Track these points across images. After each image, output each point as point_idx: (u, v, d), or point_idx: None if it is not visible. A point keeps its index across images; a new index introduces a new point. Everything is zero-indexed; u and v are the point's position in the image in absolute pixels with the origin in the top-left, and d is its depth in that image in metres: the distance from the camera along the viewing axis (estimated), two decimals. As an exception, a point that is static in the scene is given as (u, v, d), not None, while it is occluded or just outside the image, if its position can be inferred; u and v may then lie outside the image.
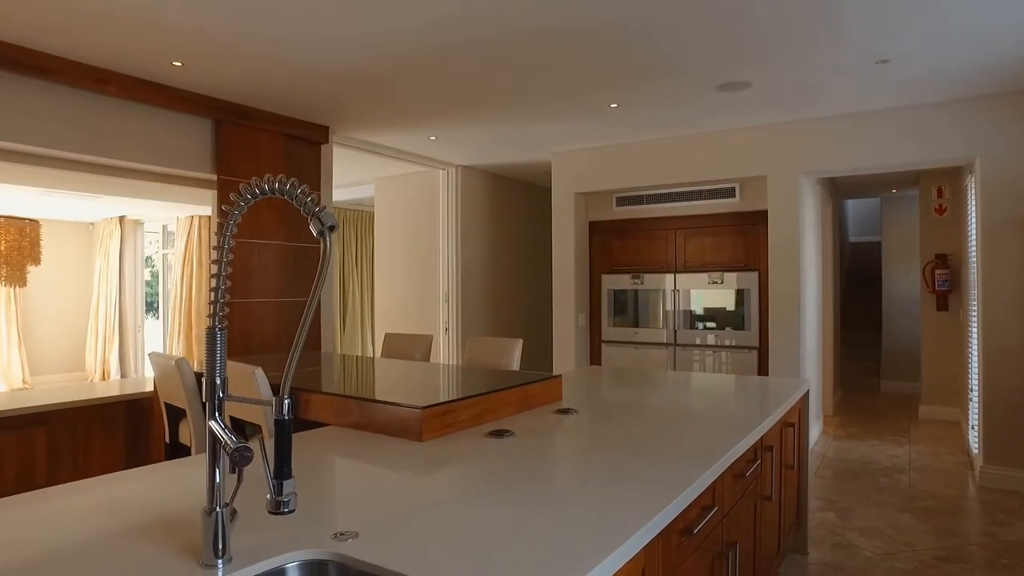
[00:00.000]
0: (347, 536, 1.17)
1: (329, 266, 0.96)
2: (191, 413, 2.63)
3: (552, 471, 1.61)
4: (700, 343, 5.50)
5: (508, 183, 7.13)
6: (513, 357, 3.35)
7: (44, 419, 3.59)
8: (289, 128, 4.61)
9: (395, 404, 1.95)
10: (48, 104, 3.56)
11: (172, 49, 3.35)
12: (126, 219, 9.06)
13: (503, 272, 7.05)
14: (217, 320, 1.05)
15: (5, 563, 1.07)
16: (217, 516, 1.04)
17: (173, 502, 1.38)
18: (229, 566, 1.05)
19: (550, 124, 4.90)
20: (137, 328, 9.18)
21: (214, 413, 1.05)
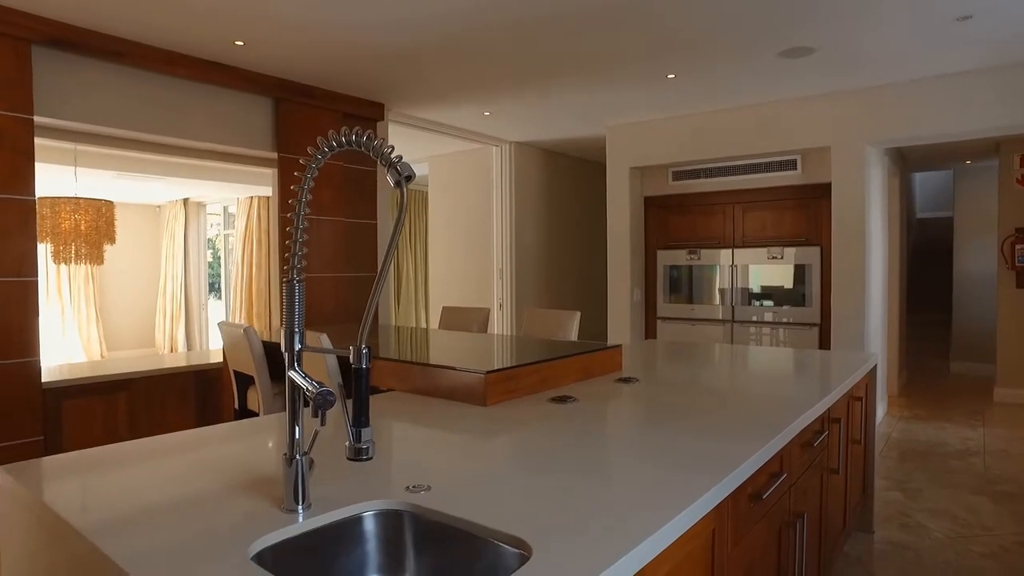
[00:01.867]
0: (419, 489, 1.19)
1: (405, 216, 0.97)
2: (259, 379, 2.72)
3: (618, 434, 1.60)
4: (758, 320, 5.37)
5: (562, 159, 7.07)
6: (571, 329, 3.33)
7: (125, 386, 3.78)
8: (346, 106, 4.67)
9: (459, 369, 1.97)
10: (122, 87, 3.70)
11: (234, 29, 3.43)
12: (190, 201, 9.39)
13: (557, 248, 7.02)
14: (295, 273, 1.07)
15: (102, 511, 1.13)
16: (297, 464, 1.07)
17: (252, 455, 1.43)
18: (309, 512, 1.08)
19: (605, 97, 4.82)
20: (201, 306, 9.55)
21: (293, 363, 1.07)
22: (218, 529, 1.02)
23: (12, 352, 3.24)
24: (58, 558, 1.11)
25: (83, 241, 5.38)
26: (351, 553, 1.11)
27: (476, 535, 1.04)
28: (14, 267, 3.25)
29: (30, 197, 3.30)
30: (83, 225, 5.37)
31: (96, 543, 0.97)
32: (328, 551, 1.08)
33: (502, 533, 1.01)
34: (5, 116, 3.20)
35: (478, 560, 1.04)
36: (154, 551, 0.95)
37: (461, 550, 1.06)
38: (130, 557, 0.93)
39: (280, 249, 4.42)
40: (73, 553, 1.05)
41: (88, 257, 5.41)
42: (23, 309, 3.28)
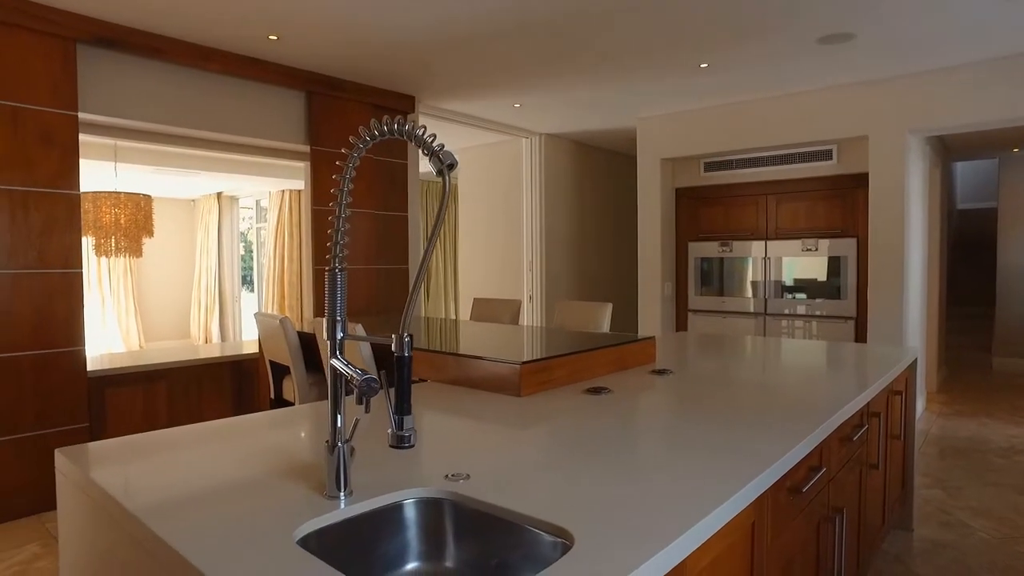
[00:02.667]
0: (458, 477, 1.20)
1: (447, 205, 0.97)
2: (294, 369, 2.77)
3: (654, 426, 1.59)
4: (790, 313, 5.28)
5: (592, 151, 7.03)
6: (602, 321, 3.32)
7: (164, 375, 3.87)
8: (377, 98, 4.70)
9: (494, 360, 1.97)
10: (160, 83, 3.77)
11: (269, 24, 3.47)
12: (223, 195, 9.55)
13: (587, 241, 6.99)
14: (337, 262, 1.08)
15: (152, 494, 1.16)
16: (339, 451, 1.09)
17: (291, 442, 1.45)
18: (351, 498, 1.10)
19: (636, 88, 4.77)
20: (234, 298, 9.72)
21: (335, 352, 1.09)
22: (262, 513, 1.04)
23: (59, 342, 3.34)
24: (109, 535, 1.14)
25: (123, 234, 5.51)
26: (392, 539, 1.12)
27: (517, 523, 1.04)
28: (61, 259, 3.35)
29: (75, 192, 3.39)
30: (123, 219, 5.50)
31: (145, 521, 1.00)
32: (369, 537, 1.09)
33: (544, 522, 1.01)
34: (53, 114, 3.29)
35: (519, 548, 1.04)
36: (201, 531, 0.97)
37: (502, 538, 1.07)
38: (178, 536, 0.95)
39: (313, 241, 4.47)
40: (123, 531, 1.08)
41: (127, 250, 5.55)
42: (69, 300, 3.38)
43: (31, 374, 3.26)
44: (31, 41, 3.22)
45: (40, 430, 3.29)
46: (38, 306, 3.28)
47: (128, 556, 1.08)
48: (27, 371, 3.25)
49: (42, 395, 3.29)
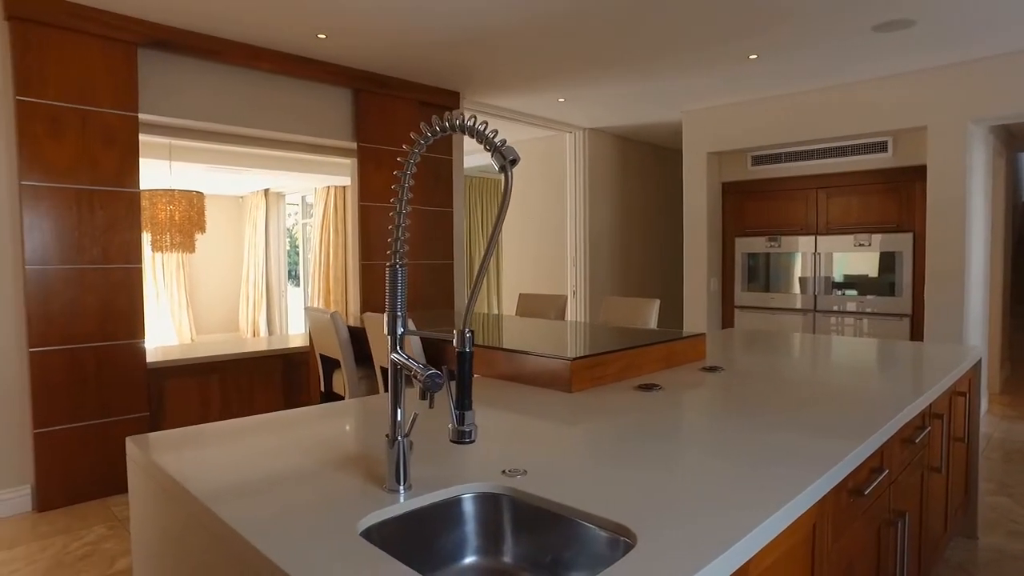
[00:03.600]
0: (515, 473, 1.20)
1: (509, 201, 0.96)
2: (344, 363, 2.81)
3: (709, 424, 1.56)
4: (841, 309, 5.14)
5: (636, 145, 6.95)
6: (649, 317, 3.28)
7: (218, 368, 3.99)
8: (422, 95, 4.74)
9: (545, 356, 1.97)
10: (213, 83, 3.87)
11: (318, 22, 3.52)
12: (270, 192, 9.77)
13: (631, 236, 6.92)
14: (397, 257, 1.09)
15: (219, 481, 1.19)
16: (399, 445, 1.10)
17: (347, 434, 1.47)
18: (410, 492, 1.11)
19: (682, 80, 4.69)
20: (281, 293, 9.95)
21: (395, 346, 1.10)
22: (323, 504, 1.06)
23: (121, 334, 3.47)
24: (175, 517, 1.18)
25: (177, 230, 5.68)
26: (450, 534, 1.13)
27: (577, 520, 1.04)
28: (122, 255, 3.47)
29: (135, 190, 3.51)
30: (177, 215, 5.67)
31: (211, 507, 1.03)
32: (428, 531, 1.10)
33: (605, 519, 1.00)
34: (115, 115, 3.41)
35: (579, 545, 1.04)
36: (265, 518, 0.99)
37: (561, 535, 1.06)
38: (243, 522, 0.97)
39: (359, 236, 4.54)
40: (189, 514, 1.12)
41: (181, 246, 5.72)
42: (130, 294, 3.51)
43: (95, 365, 3.40)
44: (97, 47, 3.34)
45: (103, 418, 3.43)
46: (102, 300, 3.41)
47: (194, 537, 1.11)
48: (92, 362, 3.39)
49: (105, 385, 3.43)
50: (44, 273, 3.25)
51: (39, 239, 3.23)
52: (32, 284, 3.22)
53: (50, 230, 3.26)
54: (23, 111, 3.17)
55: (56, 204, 3.27)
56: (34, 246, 3.22)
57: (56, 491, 3.31)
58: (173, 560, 1.22)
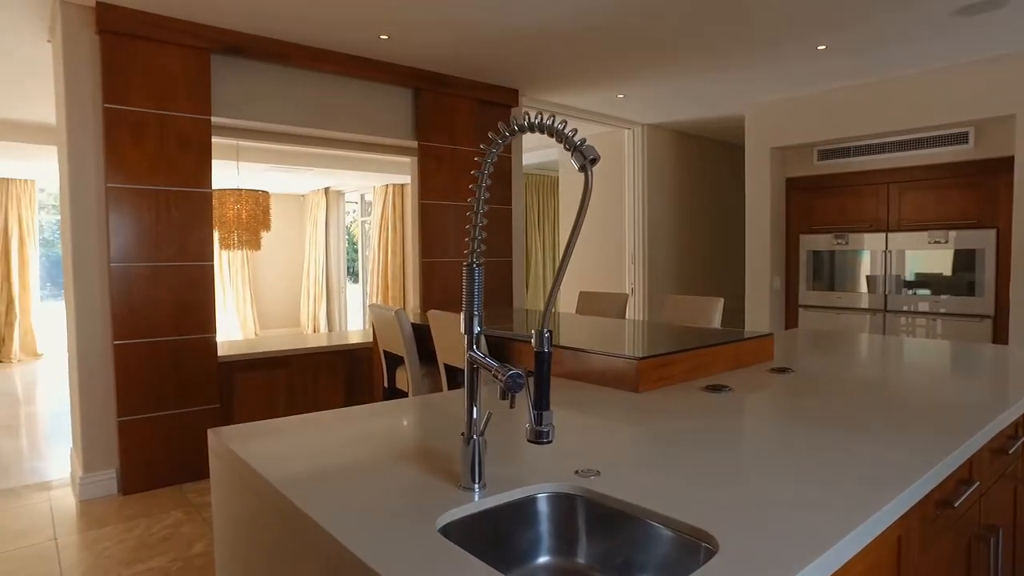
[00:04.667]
0: (589, 473, 1.19)
1: (589, 199, 0.96)
2: (408, 360, 2.86)
3: (782, 428, 1.51)
4: (913, 310, 4.91)
5: (696, 141, 6.82)
6: (713, 317, 3.21)
7: (284, 362, 4.12)
8: (481, 93, 4.76)
9: (611, 355, 1.95)
10: (280, 85, 3.99)
11: (381, 23, 3.58)
12: (330, 190, 10.02)
13: (691, 233, 6.80)
14: (475, 257, 1.10)
15: (296, 472, 1.23)
16: (475, 444, 1.11)
17: (419, 432, 1.49)
18: (484, 491, 1.12)
19: (746, 73, 4.57)
20: (340, 289, 10.19)
21: (472, 345, 1.10)
22: (398, 499, 1.08)
23: (195, 328, 3.62)
24: (253, 504, 1.22)
25: (244, 228, 5.88)
26: (524, 533, 1.13)
27: (655, 524, 1.02)
28: (196, 252, 3.62)
29: (208, 190, 3.65)
30: (244, 214, 5.87)
31: (292, 498, 1.06)
32: (503, 529, 1.11)
33: (684, 524, 0.99)
34: (190, 119, 3.56)
35: (656, 549, 1.02)
36: (343, 511, 1.01)
37: (637, 538, 1.05)
38: (322, 513, 1.00)
39: (419, 234, 4.60)
40: (266, 501, 1.15)
41: (248, 243, 5.92)
42: (203, 290, 3.65)
43: (171, 358, 3.56)
44: (175, 55, 3.49)
45: (178, 409, 3.59)
46: (177, 296, 3.57)
47: (271, 523, 1.15)
48: (168, 355, 3.55)
49: (180, 377, 3.59)
50: (126, 270, 3.42)
51: (122, 238, 3.40)
52: (116, 281, 3.40)
53: (131, 229, 3.43)
54: (110, 118, 3.34)
55: (137, 205, 3.44)
56: (118, 245, 3.39)
57: (137, 476, 3.48)
58: (251, 544, 1.27)
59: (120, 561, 2.72)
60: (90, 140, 3.39)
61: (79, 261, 3.40)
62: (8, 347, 8.33)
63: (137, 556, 2.76)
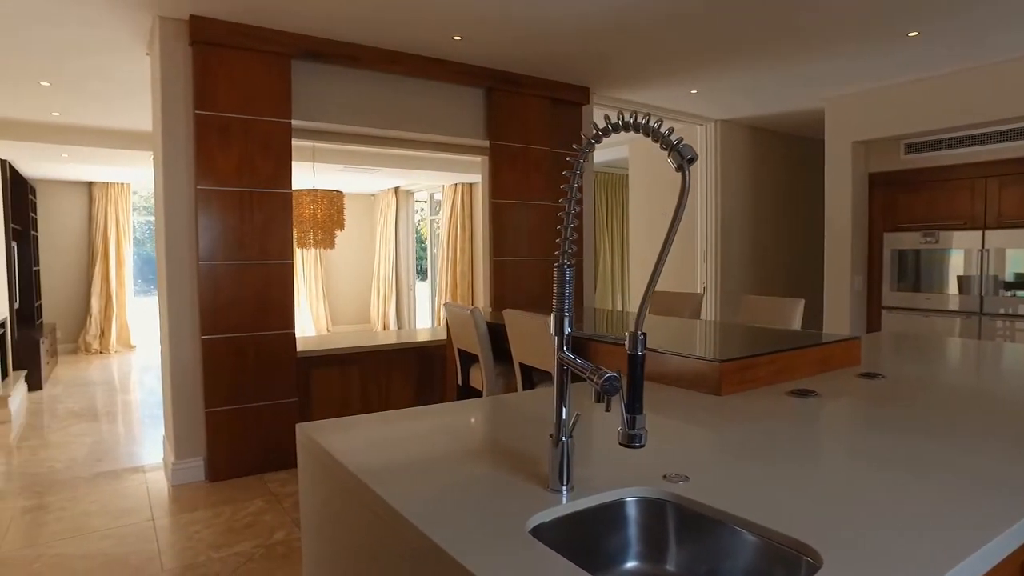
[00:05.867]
0: (677, 479, 1.17)
1: (687, 199, 0.93)
2: (483, 359, 2.88)
3: (878, 437, 1.44)
4: (1014, 312, 4.59)
5: (771, 136, 6.59)
6: (793, 318, 3.10)
7: (358, 358, 4.23)
8: (552, 91, 4.75)
9: (692, 356, 1.91)
10: (355, 88, 4.09)
11: (454, 24, 3.62)
12: (400, 189, 10.23)
13: (764, 230, 6.58)
14: (565, 258, 1.09)
15: (391, 464, 1.26)
16: (564, 446, 1.10)
17: (502, 431, 1.50)
18: (572, 493, 1.11)
19: (827, 64, 4.38)
20: (409, 287, 10.39)
21: (563, 346, 1.10)
22: (486, 499, 1.08)
23: (274, 325, 3.77)
24: (341, 498, 1.26)
25: (319, 228, 6.05)
26: (612, 537, 1.12)
27: (751, 534, 0.99)
28: (276, 251, 3.76)
29: (288, 190, 3.79)
30: (319, 214, 6.05)
31: (386, 498, 1.08)
32: (591, 533, 1.10)
33: (783, 536, 0.95)
34: (272, 123, 3.70)
35: (751, 561, 0.99)
36: (433, 511, 1.03)
37: (731, 547, 1.02)
38: (411, 508, 1.01)
39: (491, 233, 4.63)
40: (356, 498, 1.18)
41: (323, 242, 6.09)
42: (283, 288, 3.80)
43: (252, 353, 3.71)
44: (259, 61, 3.64)
45: (259, 402, 3.74)
46: (258, 293, 3.72)
47: (358, 517, 1.18)
48: (250, 349, 3.70)
49: (261, 371, 3.74)
50: (213, 268, 3.59)
51: (209, 237, 3.57)
52: (203, 278, 3.57)
53: (218, 229, 3.59)
54: (200, 124, 3.51)
55: (223, 206, 3.60)
56: (205, 244, 3.56)
57: (222, 464, 3.66)
58: (337, 534, 1.30)
59: (210, 544, 2.86)
60: (182, 145, 3.57)
61: (172, 260, 3.60)
62: (107, 339, 8.91)
63: (224, 540, 2.89)
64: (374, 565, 1.16)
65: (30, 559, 2.76)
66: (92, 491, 3.59)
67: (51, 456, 4.33)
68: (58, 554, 2.80)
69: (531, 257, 4.77)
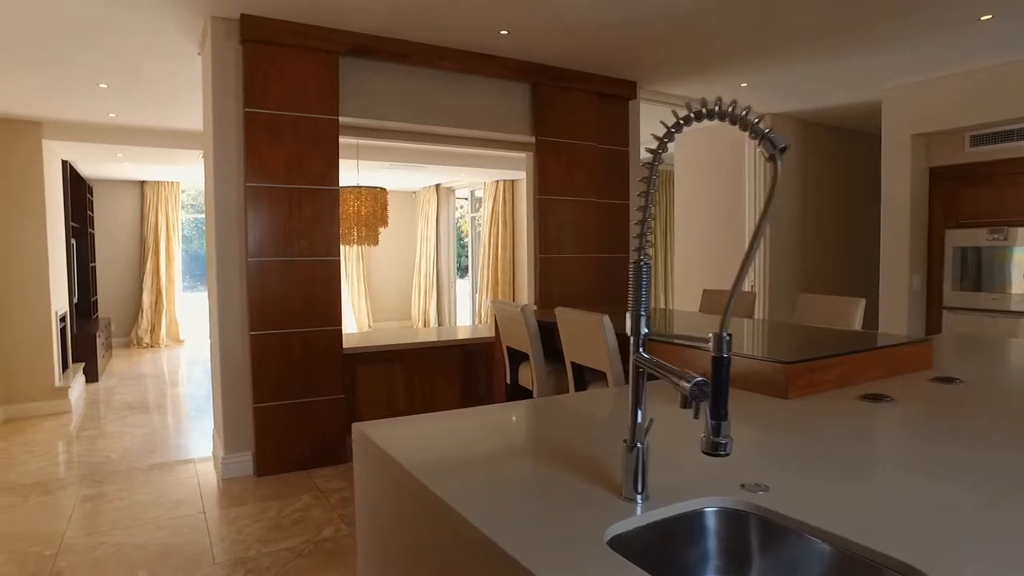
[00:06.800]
0: (757, 488, 1.10)
1: (777, 192, 0.87)
2: (533, 357, 2.83)
3: (969, 447, 1.34)
4: (1090, 315, 4.34)
5: (821, 130, 6.37)
6: (854, 319, 2.97)
7: (402, 356, 4.22)
8: (599, 86, 4.67)
9: (756, 358, 1.83)
10: (401, 84, 4.09)
11: (502, 19, 3.57)
12: (441, 187, 10.25)
13: (815, 228, 6.38)
14: (642, 254, 1.04)
15: (453, 468, 1.22)
16: (638, 452, 1.05)
17: (561, 433, 1.45)
18: (647, 503, 1.05)
19: (887, 54, 4.20)
20: (450, 284, 10.41)
21: (638, 348, 1.04)
22: (556, 507, 1.04)
23: (321, 321, 3.79)
24: (400, 501, 1.22)
25: (363, 225, 6.09)
26: (690, 549, 1.06)
27: (845, 551, 0.92)
28: (323, 248, 3.78)
29: (335, 188, 3.80)
30: (363, 211, 6.08)
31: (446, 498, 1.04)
32: (669, 544, 1.04)
33: (884, 555, 0.88)
34: (321, 120, 3.72)
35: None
36: (505, 518, 0.98)
37: (820, 565, 0.95)
38: (480, 516, 0.97)
39: (536, 229, 4.58)
40: (421, 503, 1.15)
41: (367, 239, 6.13)
42: (330, 284, 3.81)
43: (300, 348, 3.74)
44: (308, 59, 3.66)
45: (306, 398, 3.76)
46: (305, 289, 3.74)
47: (420, 521, 1.14)
48: (297, 346, 3.73)
49: (308, 367, 3.76)
50: (261, 264, 3.63)
51: (258, 234, 3.61)
52: (252, 274, 3.61)
53: (266, 226, 3.63)
54: (249, 121, 3.55)
55: (271, 203, 3.63)
56: (254, 240, 3.60)
57: (270, 460, 3.69)
58: (394, 537, 1.27)
59: (259, 539, 2.88)
60: (232, 143, 3.62)
61: (222, 256, 3.64)
62: (157, 333, 9.16)
63: (272, 536, 2.92)
64: (434, 569, 1.12)
65: (91, 546, 2.83)
66: (147, 482, 3.67)
67: (107, 446, 4.45)
68: (117, 543, 2.86)
69: (577, 254, 4.70)
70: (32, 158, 5.29)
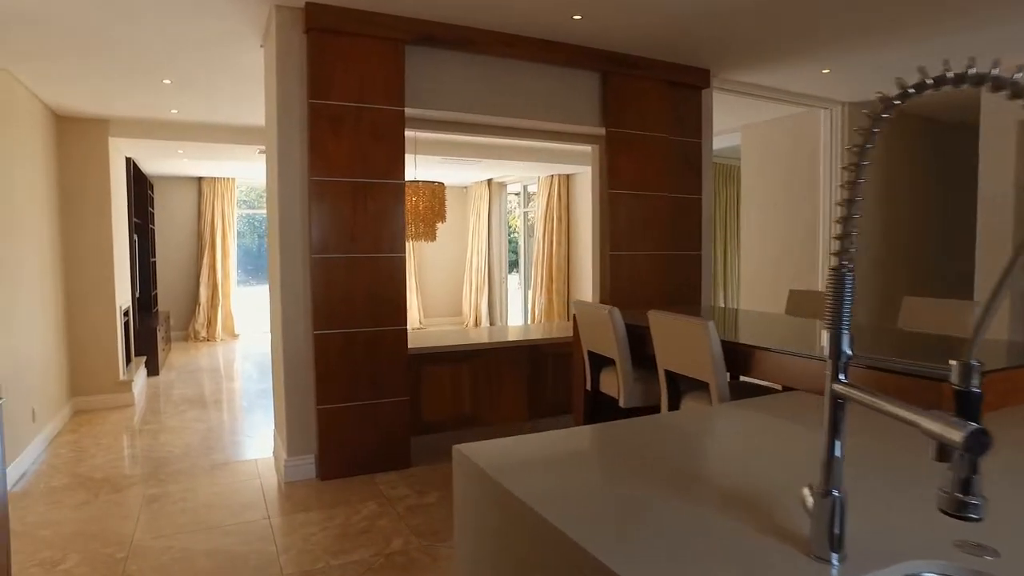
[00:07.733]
0: (980, 552, 0.88)
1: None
2: (620, 363, 2.63)
3: None
4: None
5: (906, 120, 5.97)
6: (969, 323, 2.67)
7: (470, 357, 4.07)
8: (671, 74, 4.42)
9: (906, 373, 1.59)
10: (467, 73, 3.92)
11: (576, 2, 3.37)
12: (493, 182, 10.09)
13: (896, 223, 5.98)
14: (845, 260, 0.84)
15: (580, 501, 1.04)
16: (835, 501, 0.84)
17: (709, 465, 1.25)
18: (844, 565, 0.85)
19: (993, 32, 3.83)
20: (502, 281, 10.26)
21: (837, 374, 0.84)
22: (727, 562, 0.84)
23: (387, 320, 3.66)
24: (513, 533, 1.05)
25: (420, 220, 5.96)
26: (899, 625, 0.85)
27: None
28: (388, 244, 3.65)
29: (401, 181, 3.66)
30: (421, 206, 5.95)
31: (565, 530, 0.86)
32: (873, 618, 0.84)
33: None
34: (385, 110, 3.59)
35: None
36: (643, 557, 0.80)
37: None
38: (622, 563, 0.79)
39: (605, 224, 4.36)
40: (540, 539, 0.97)
41: (424, 235, 6.00)
42: (395, 282, 3.69)
43: (365, 348, 3.62)
44: (373, 48, 3.52)
45: (371, 399, 3.64)
46: (370, 287, 3.62)
47: (537, 554, 0.96)
48: (362, 345, 3.61)
49: (373, 368, 3.64)
50: (325, 261, 3.52)
51: (321, 230, 3.50)
52: (316, 271, 3.50)
53: (330, 221, 3.51)
54: (314, 113, 3.44)
55: (335, 197, 3.51)
56: (317, 236, 3.49)
57: (333, 463, 3.59)
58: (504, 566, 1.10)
59: (326, 550, 2.77)
60: (296, 136, 3.51)
61: (285, 252, 3.55)
62: (213, 328, 9.28)
63: (340, 546, 2.80)
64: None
65: (159, 550, 2.76)
66: (211, 483, 3.62)
67: (169, 441, 4.44)
68: (184, 548, 2.79)
69: (648, 252, 4.47)
70: (99, 156, 5.34)
